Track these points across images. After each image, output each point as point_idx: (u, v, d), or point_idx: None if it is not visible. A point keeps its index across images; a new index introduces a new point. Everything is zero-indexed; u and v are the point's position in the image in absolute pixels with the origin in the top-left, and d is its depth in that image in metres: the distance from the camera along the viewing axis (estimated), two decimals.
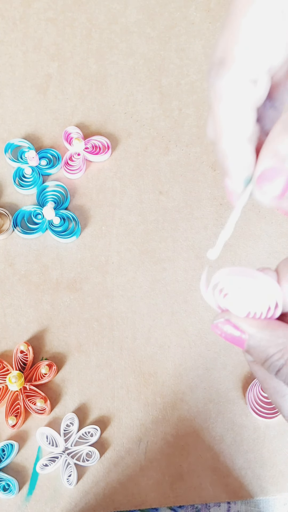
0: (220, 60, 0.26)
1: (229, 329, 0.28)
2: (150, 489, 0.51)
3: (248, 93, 0.26)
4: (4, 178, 0.62)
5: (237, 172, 0.27)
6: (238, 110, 0.26)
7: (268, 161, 0.25)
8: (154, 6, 0.69)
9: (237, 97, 0.26)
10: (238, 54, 0.25)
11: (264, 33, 0.25)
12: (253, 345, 0.28)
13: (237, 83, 0.26)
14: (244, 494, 0.51)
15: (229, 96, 0.26)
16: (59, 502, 0.51)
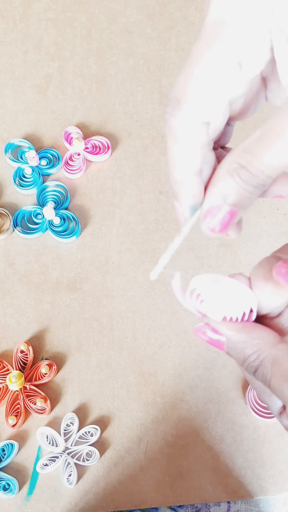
0: (175, 99, 0.28)
1: (209, 333, 0.30)
2: (150, 488, 0.51)
3: (198, 134, 0.28)
4: (4, 178, 0.62)
5: (185, 200, 0.30)
6: (188, 148, 0.29)
7: (212, 200, 0.29)
8: (154, 6, 0.69)
9: (188, 136, 0.28)
10: (190, 97, 0.27)
11: (218, 80, 0.27)
12: (231, 347, 0.29)
13: (189, 124, 0.28)
14: (244, 494, 0.51)
15: (181, 134, 0.28)
16: (59, 501, 0.51)
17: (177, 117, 0.28)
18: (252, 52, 0.27)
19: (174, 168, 0.29)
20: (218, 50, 0.27)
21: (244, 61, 0.27)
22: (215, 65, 0.27)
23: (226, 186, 0.28)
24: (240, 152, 0.27)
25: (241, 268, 0.58)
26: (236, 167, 0.27)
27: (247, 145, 0.27)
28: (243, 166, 0.27)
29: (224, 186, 0.28)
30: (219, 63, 0.27)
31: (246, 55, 0.27)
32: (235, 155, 0.27)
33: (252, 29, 0.27)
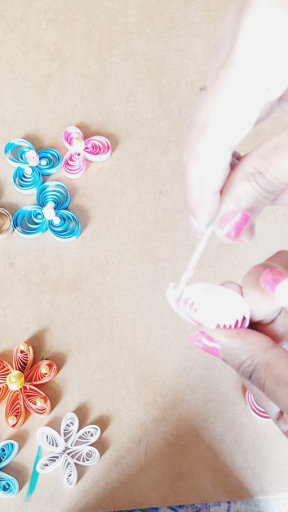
0: (201, 125, 0.28)
1: (204, 340, 0.30)
2: (150, 488, 0.51)
3: (223, 158, 0.29)
4: (4, 178, 0.62)
5: (201, 217, 0.31)
6: (211, 171, 0.29)
7: (228, 206, 0.29)
8: (154, 6, 0.69)
9: (213, 161, 0.29)
10: (217, 123, 0.28)
11: (246, 105, 0.27)
12: (226, 353, 0.30)
13: (215, 149, 0.28)
14: (244, 494, 0.51)
15: (204, 158, 0.29)
16: (59, 501, 0.51)
17: (202, 142, 0.28)
18: (280, 74, 0.27)
19: (193, 189, 0.30)
20: (247, 75, 0.27)
21: (272, 84, 0.27)
22: (243, 90, 0.27)
23: (242, 190, 0.28)
24: (256, 158, 0.28)
25: (241, 268, 0.58)
26: (252, 172, 0.28)
27: (263, 152, 0.27)
28: (259, 171, 0.28)
29: (240, 191, 0.28)
30: (247, 88, 0.27)
31: (274, 78, 0.27)
32: (252, 161, 0.28)
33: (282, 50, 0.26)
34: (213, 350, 0.30)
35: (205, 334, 0.30)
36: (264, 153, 0.27)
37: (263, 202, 0.29)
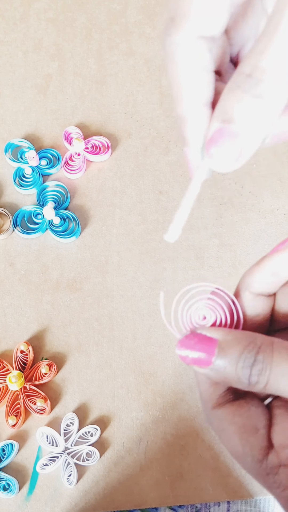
0: (170, 17, 0.24)
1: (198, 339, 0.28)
2: (150, 488, 0.51)
3: (200, 51, 0.24)
4: (4, 178, 0.62)
5: (193, 140, 0.25)
6: (192, 73, 0.24)
7: (216, 123, 0.24)
8: (154, 6, 0.69)
9: (191, 58, 0.24)
10: (189, 10, 0.23)
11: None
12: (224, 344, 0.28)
13: (187, 39, 0.24)
14: (244, 494, 0.51)
15: (181, 57, 0.24)
16: (59, 501, 0.51)
17: (172, 35, 0.24)
18: None
19: (178, 101, 0.25)
20: None
21: None
22: None
23: (232, 100, 0.23)
24: (240, 66, 0.23)
25: (241, 268, 0.58)
26: (240, 79, 0.23)
27: (246, 58, 0.23)
28: (247, 74, 0.23)
29: (231, 104, 0.23)
30: None
31: None
32: (236, 72, 0.23)
33: None
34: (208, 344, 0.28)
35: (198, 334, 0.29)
36: (247, 57, 0.23)
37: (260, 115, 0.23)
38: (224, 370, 0.27)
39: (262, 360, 0.27)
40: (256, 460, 0.27)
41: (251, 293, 0.30)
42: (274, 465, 0.27)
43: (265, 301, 0.30)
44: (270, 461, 0.27)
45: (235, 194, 0.61)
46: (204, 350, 0.28)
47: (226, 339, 0.28)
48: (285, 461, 0.27)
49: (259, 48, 0.23)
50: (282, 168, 0.62)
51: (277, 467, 0.27)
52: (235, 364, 0.27)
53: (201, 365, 0.28)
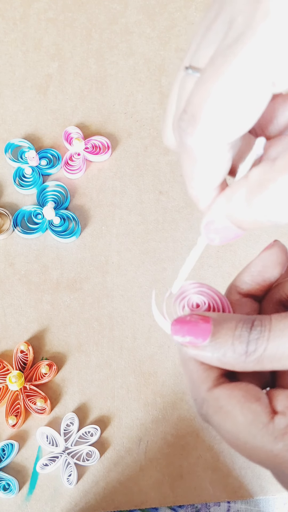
0: (191, 114, 0.24)
1: (192, 318, 0.28)
2: (150, 488, 0.51)
3: (219, 155, 0.25)
4: (4, 178, 0.62)
5: (204, 214, 0.28)
6: (207, 168, 0.26)
7: (213, 215, 0.27)
8: (154, 6, 0.69)
9: (207, 157, 0.25)
10: (212, 115, 0.24)
11: (245, 99, 0.23)
12: (219, 319, 0.28)
13: (208, 145, 0.25)
14: (244, 494, 0.51)
15: (198, 154, 0.25)
16: (59, 501, 0.51)
17: (193, 136, 0.24)
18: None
19: (190, 185, 0.27)
20: (249, 66, 0.22)
21: (280, 79, 0.23)
22: (248, 80, 0.23)
23: (237, 209, 0.25)
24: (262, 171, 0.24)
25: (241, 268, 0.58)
26: (250, 191, 0.25)
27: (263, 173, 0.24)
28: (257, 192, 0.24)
29: (235, 208, 0.26)
30: (249, 81, 0.23)
31: (283, 72, 0.23)
32: (259, 172, 0.25)
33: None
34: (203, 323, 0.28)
35: (193, 315, 0.28)
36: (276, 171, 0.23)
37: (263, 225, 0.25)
38: (220, 345, 0.27)
39: (260, 324, 0.26)
40: (261, 425, 0.26)
41: (239, 294, 0.31)
42: (282, 427, 0.26)
43: (253, 304, 0.31)
44: (277, 423, 0.26)
45: None
46: (199, 327, 0.28)
47: (221, 316, 0.28)
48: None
49: None
50: None
51: (285, 428, 0.26)
52: (232, 335, 0.27)
53: (197, 344, 0.27)
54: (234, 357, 0.27)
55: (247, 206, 0.25)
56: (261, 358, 0.26)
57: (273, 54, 0.22)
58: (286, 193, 0.23)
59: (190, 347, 0.27)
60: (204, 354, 0.27)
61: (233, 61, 0.22)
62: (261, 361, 0.26)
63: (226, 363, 0.27)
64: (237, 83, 0.23)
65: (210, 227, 0.27)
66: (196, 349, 0.27)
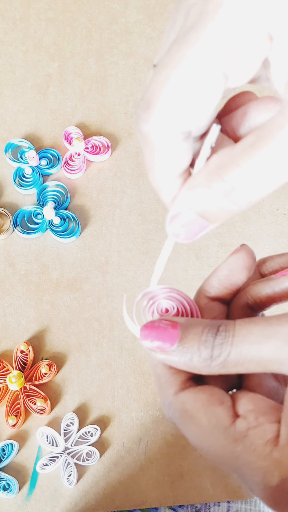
0: (146, 102, 0.25)
1: (161, 323, 0.29)
2: (150, 488, 0.51)
3: (176, 144, 0.25)
4: (4, 178, 0.62)
5: (168, 204, 0.28)
6: (165, 156, 0.26)
7: (176, 208, 0.27)
8: (154, 6, 0.69)
9: (164, 145, 0.25)
10: (164, 102, 0.24)
11: (197, 89, 0.24)
12: (186, 325, 0.28)
13: (163, 131, 0.25)
14: (244, 494, 0.51)
15: (155, 142, 0.25)
16: (59, 501, 0.51)
17: (149, 123, 0.25)
18: (242, 61, 0.23)
19: (150, 174, 0.27)
20: (201, 55, 0.23)
21: (232, 73, 0.24)
22: (198, 73, 0.23)
23: (199, 192, 0.26)
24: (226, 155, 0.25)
25: None
26: (212, 173, 0.25)
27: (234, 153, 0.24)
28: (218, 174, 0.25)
29: (197, 192, 0.26)
30: (199, 70, 0.23)
31: (235, 65, 0.23)
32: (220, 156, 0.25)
33: (247, 33, 0.23)
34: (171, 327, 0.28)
35: (161, 320, 0.29)
36: (236, 152, 0.24)
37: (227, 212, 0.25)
38: (187, 350, 0.27)
39: (225, 329, 0.27)
40: (223, 428, 0.27)
41: (207, 298, 0.31)
42: (243, 430, 0.26)
43: (221, 307, 0.31)
44: (238, 426, 0.26)
45: None
46: (167, 332, 0.28)
47: (189, 321, 0.28)
48: (253, 423, 0.26)
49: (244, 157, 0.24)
50: None
51: (245, 431, 0.26)
52: (198, 341, 0.27)
53: (165, 349, 0.28)
54: (200, 362, 0.27)
55: (208, 191, 0.25)
56: (226, 362, 0.27)
57: (224, 45, 0.23)
58: (246, 175, 0.24)
59: (158, 351, 0.28)
60: (172, 358, 0.28)
61: (185, 50, 0.23)
62: (226, 365, 0.27)
63: (192, 367, 0.28)
64: (188, 72, 0.23)
65: (175, 221, 0.27)
66: (164, 353, 0.28)
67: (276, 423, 0.26)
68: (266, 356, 0.26)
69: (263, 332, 0.26)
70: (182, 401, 0.28)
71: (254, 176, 0.24)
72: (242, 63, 0.24)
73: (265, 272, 0.33)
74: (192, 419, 0.28)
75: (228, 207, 0.25)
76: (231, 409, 0.27)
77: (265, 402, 0.27)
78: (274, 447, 0.25)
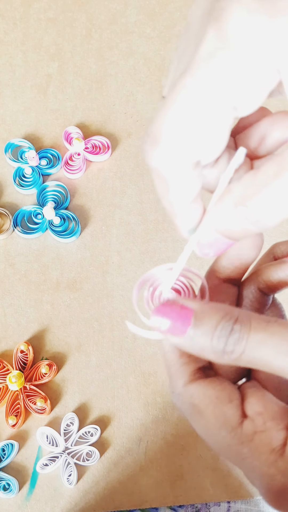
0: (154, 136, 0.25)
1: (174, 307, 0.28)
2: (150, 488, 0.51)
3: (186, 175, 0.26)
4: (4, 178, 0.62)
5: (181, 226, 0.29)
6: (175, 187, 0.26)
7: (207, 232, 0.28)
8: (154, 6, 0.69)
9: (174, 176, 0.26)
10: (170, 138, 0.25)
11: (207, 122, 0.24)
12: (201, 312, 0.28)
13: (171, 165, 0.25)
14: (244, 494, 0.51)
15: (164, 173, 0.26)
16: (59, 501, 0.51)
17: (157, 159, 0.25)
18: (251, 94, 0.24)
19: (164, 202, 0.28)
20: (211, 89, 0.23)
21: (241, 105, 0.24)
22: (204, 106, 0.23)
23: (225, 216, 0.26)
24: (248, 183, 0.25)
25: None
26: (237, 201, 0.26)
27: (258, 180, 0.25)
28: (242, 202, 0.25)
29: (223, 216, 0.27)
30: (210, 105, 0.23)
31: (244, 98, 0.24)
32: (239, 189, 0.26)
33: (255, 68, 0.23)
34: (185, 315, 0.28)
35: (174, 302, 0.28)
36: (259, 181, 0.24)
37: (252, 232, 0.26)
38: (200, 339, 0.27)
39: (240, 329, 0.26)
40: (230, 428, 0.26)
41: (217, 278, 0.31)
42: (249, 433, 0.26)
43: (231, 289, 0.31)
44: (245, 429, 0.26)
45: None
46: (180, 317, 0.28)
47: (203, 308, 0.28)
48: (260, 427, 0.26)
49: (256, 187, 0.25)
50: None
51: (252, 434, 0.26)
52: (212, 333, 0.27)
53: (176, 334, 0.28)
54: (212, 353, 0.27)
55: (235, 216, 0.26)
56: (238, 359, 0.27)
57: (233, 79, 0.23)
58: (271, 200, 0.24)
59: (170, 335, 0.28)
60: (183, 343, 0.28)
61: (192, 84, 0.23)
62: (237, 362, 0.27)
63: (203, 355, 0.27)
64: (196, 105, 0.23)
65: (203, 243, 0.28)
66: (176, 338, 0.28)
67: (284, 430, 0.26)
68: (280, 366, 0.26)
69: (279, 348, 0.25)
70: (191, 394, 0.28)
71: (280, 205, 0.24)
72: (250, 95, 0.24)
73: (278, 256, 0.32)
74: (200, 414, 0.27)
75: (253, 229, 0.26)
76: (240, 408, 0.27)
77: (275, 405, 0.27)
78: (279, 456, 0.25)
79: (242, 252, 0.30)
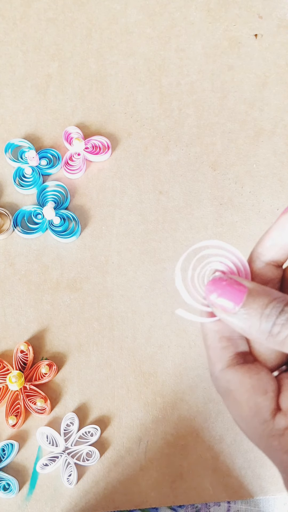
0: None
1: (229, 282, 0.29)
2: (150, 488, 0.51)
3: None
4: (4, 178, 0.62)
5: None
6: None
7: None
8: (154, 6, 0.69)
9: None
10: None
11: None
12: (254, 292, 0.28)
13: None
14: (244, 494, 0.51)
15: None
16: (59, 501, 0.51)
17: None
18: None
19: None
20: None
21: None
22: None
23: None
24: None
25: None
26: None
27: None
28: None
29: None
30: None
31: None
32: None
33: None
34: (238, 290, 0.28)
35: (229, 278, 0.29)
36: None
37: None
38: (249, 317, 0.27)
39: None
40: (262, 420, 0.27)
41: (261, 262, 0.31)
42: (281, 427, 0.27)
43: (274, 271, 0.31)
44: (277, 423, 0.27)
45: (235, 194, 0.61)
46: (233, 293, 0.28)
47: (257, 288, 0.28)
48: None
49: None
50: (282, 168, 0.62)
51: (283, 429, 0.27)
52: (261, 312, 0.27)
53: (226, 310, 0.28)
54: (258, 333, 0.27)
55: None
56: (283, 342, 0.27)
57: None
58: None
59: (219, 309, 0.28)
60: (231, 320, 0.28)
61: None
62: (282, 345, 0.27)
63: (249, 334, 0.28)
64: None
65: None
66: (225, 313, 0.28)
67: None
68: None
69: None
70: (228, 380, 0.28)
71: None
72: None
73: None
74: (235, 402, 0.28)
75: None
76: (274, 400, 0.27)
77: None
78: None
79: (285, 232, 0.30)
